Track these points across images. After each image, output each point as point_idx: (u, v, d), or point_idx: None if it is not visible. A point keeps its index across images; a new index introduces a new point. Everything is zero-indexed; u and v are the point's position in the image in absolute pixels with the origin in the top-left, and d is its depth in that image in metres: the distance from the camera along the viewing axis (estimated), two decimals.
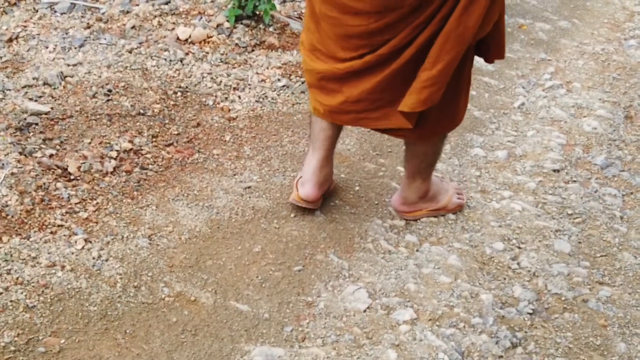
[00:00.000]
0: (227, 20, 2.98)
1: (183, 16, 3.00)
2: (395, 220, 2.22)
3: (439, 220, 2.25)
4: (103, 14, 3.00)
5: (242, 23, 3.01)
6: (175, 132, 2.41)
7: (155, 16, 2.97)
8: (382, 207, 2.27)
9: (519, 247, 2.19)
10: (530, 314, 1.94)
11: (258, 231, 2.07)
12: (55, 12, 2.98)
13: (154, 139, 2.33)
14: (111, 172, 2.13)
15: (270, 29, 3.05)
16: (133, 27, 2.89)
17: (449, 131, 2.09)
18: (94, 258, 1.85)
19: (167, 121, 2.44)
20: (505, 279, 2.06)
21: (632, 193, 2.49)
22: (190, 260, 1.92)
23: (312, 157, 2.09)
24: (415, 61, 1.79)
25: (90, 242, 1.90)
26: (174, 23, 2.96)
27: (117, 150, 2.21)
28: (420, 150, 2.06)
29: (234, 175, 2.28)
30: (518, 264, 2.12)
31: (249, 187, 2.23)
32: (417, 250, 2.11)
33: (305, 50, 1.94)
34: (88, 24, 2.90)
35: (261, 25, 3.02)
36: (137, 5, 3.13)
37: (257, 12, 3.03)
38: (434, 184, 2.22)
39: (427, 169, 2.13)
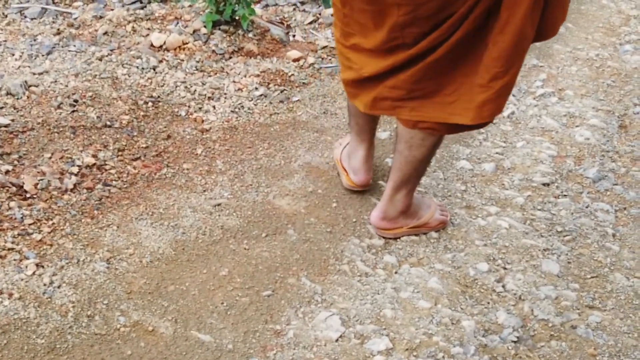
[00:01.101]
0: (204, 26, 2.85)
1: (159, 21, 2.88)
2: (374, 240, 2.10)
3: (420, 239, 2.13)
4: (75, 19, 2.88)
5: (219, 29, 2.88)
6: (144, 145, 2.28)
7: (130, 21, 2.84)
8: (361, 225, 2.15)
9: (505, 268, 2.07)
10: (515, 342, 1.81)
11: (226, 253, 1.94)
12: (25, 17, 2.86)
13: (119, 153, 2.21)
14: (71, 190, 2.01)
15: (250, 34, 2.92)
16: (105, 33, 2.77)
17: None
18: (45, 284, 1.72)
19: (135, 133, 2.32)
20: (489, 303, 1.93)
21: (625, 208, 2.37)
22: (151, 285, 1.80)
23: (360, 147, 2.17)
24: (452, 59, 1.74)
25: (43, 266, 1.77)
26: (148, 29, 2.83)
27: (78, 166, 2.09)
28: (418, 157, 1.95)
29: (204, 191, 2.16)
30: (503, 286, 2.00)
31: (219, 205, 2.11)
32: (395, 273, 1.99)
33: (345, 48, 1.89)
34: (58, 29, 2.77)
35: (240, 31, 2.89)
36: (112, 10, 3.01)
37: (236, 18, 2.91)
38: (415, 198, 2.11)
39: (415, 179, 2.04)
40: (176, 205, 2.07)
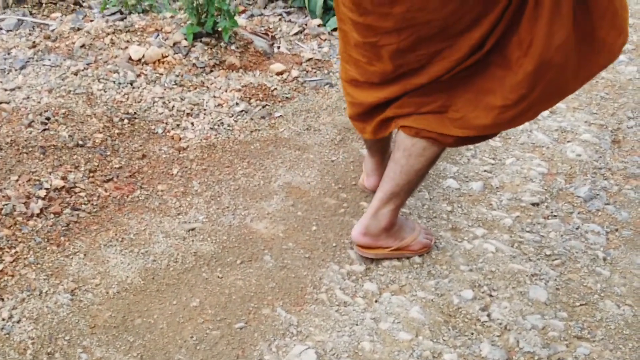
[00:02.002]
0: (185, 38, 2.77)
1: (138, 33, 2.80)
2: (355, 266, 2.01)
3: (402, 264, 2.05)
4: (52, 31, 2.80)
5: (201, 41, 2.80)
6: (117, 166, 2.20)
7: (108, 34, 2.76)
8: (341, 249, 2.06)
9: (490, 296, 1.98)
10: None
11: (198, 281, 1.86)
12: (0, 29, 2.78)
13: (91, 174, 2.12)
14: (37, 215, 1.92)
15: (232, 47, 2.84)
16: (82, 46, 2.68)
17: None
18: (3, 319, 1.64)
19: (108, 153, 2.24)
20: (472, 334, 1.85)
21: (617, 230, 2.29)
22: (117, 318, 1.72)
23: (371, 158, 2.19)
24: (462, 77, 1.71)
25: (2, 299, 1.69)
26: (128, 41, 2.75)
27: (46, 189, 2.01)
28: (416, 166, 1.87)
29: (178, 214, 2.08)
30: (488, 315, 1.91)
31: (193, 229, 2.02)
32: (376, 301, 1.91)
33: (346, 83, 1.90)
34: (34, 42, 2.69)
35: (222, 44, 2.81)
36: (92, 21, 2.93)
37: (218, 29, 2.82)
38: (399, 219, 2.03)
39: (405, 194, 1.95)
40: (148, 230, 1.99)
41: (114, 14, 2.96)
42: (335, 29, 3.18)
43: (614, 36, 1.64)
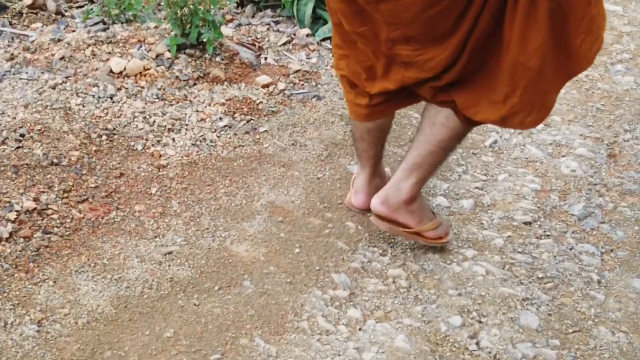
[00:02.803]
0: (168, 50, 2.69)
1: (120, 45, 2.72)
2: (338, 291, 1.93)
3: (389, 289, 1.97)
4: (32, 42, 2.72)
5: (185, 53, 2.72)
6: (93, 185, 2.12)
7: (89, 45, 2.68)
8: (324, 273, 1.98)
9: (480, 322, 1.90)
10: None
11: (173, 310, 1.78)
12: None
13: (65, 195, 2.05)
14: (6, 239, 1.84)
15: (217, 58, 2.76)
16: (62, 58, 2.61)
17: None
18: None
19: (84, 171, 2.16)
20: None
21: (612, 250, 2.21)
22: (85, 351, 1.63)
23: (362, 171, 2.12)
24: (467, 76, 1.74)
25: None
26: (109, 53, 2.67)
27: (17, 211, 1.93)
28: (439, 137, 1.85)
29: (155, 237, 2.00)
30: (477, 343, 1.83)
31: (170, 253, 1.94)
32: (359, 329, 1.83)
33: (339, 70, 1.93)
34: (12, 54, 2.61)
35: (206, 55, 2.73)
36: (74, 31, 2.85)
37: (203, 40, 2.74)
38: (423, 201, 2.03)
39: (428, 166, 1.91)
40: (122, 255, 1.91)
41: (96, 24, 2.88)
42: (324, 39, 3.10)
43: (589, 42, 1.65)
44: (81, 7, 3.11)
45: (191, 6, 2.64)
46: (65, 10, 3.03)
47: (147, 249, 1.94)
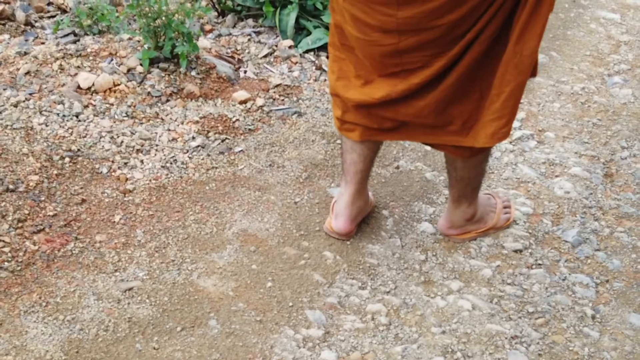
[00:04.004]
0: (141, 64, 2.55)
1: (90, 58, 2.58)
2: (312, 330, 1.79)
3: (367, 327, 1.83)
4: None
5: (158, 67, 2.58)
6: (51, 213, 1.98)
7: (57, 58, 2.54)
8: (298, 310, 1.84)
9: None
10: None
11: (130, 355, 1.64)
12: None
13: (19, 225, 1.90)
14: None
15: (193, 73, 2.62)
16: (27, 73, 2.46)
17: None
18: None
19: (43, 198, 2.01)
20: None
21: (607, 281, 2.07)
22: None
23: (345, 190, 2.03)
24: (462, 86, 1.71)
25: None
26: (78, 67, 2.53)
27: None
28: (465, 175, 1.96)
29: (115, 271, 1.85)
30: None
31: (131, 289, 1.80)
32: None
33: (333, 83, 1.86)
34: None
35: (181, 69, 2.59)
36: (43, 43, 2.71)
37: (178, 53, 2.60)
38: (480, 205, 2.11)
39: (472, 192, 2.03)
40: (78, 292, 1.77)
41: (67, 35, 2.74)
42: (307, 51, 2.96)
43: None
44: (53, 17, 2.97)
45: (164, 18, 2.49)
46: (35, 21, 2.89)
47: (106, 284, 1.80)
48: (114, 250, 1.91)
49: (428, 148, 2.57)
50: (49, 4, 3.03)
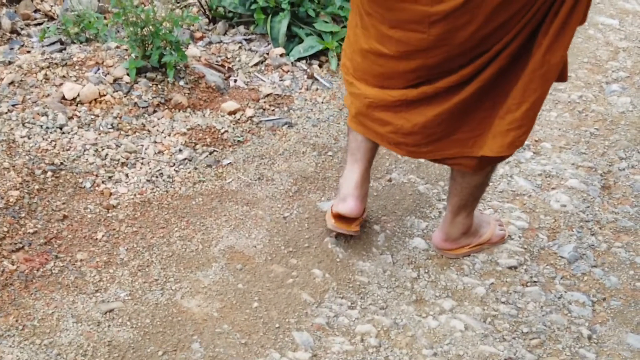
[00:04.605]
0: (127, 74, 2.49)
1: (76, 67, 2.52)
2: (299, 353, 1.74)
3: (356, 349, 1.77)
4: None
5: (145, 76, 2.52)
6: (31, 230, 1.92)
7: (42, 68, 2.48)
8: (284, 331, 1.79)
9: None
10: None
11: None
12: None
13: None
14: None
15: (181, 82, 2.56)
16: (11, 83, 2.41)
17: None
18: None
19: (23, 214, 1.96)
20: None
21: (604, 299, 2.01)
22: None
23: (352, 171, 1.95)
24: (479, 95, 1.68)
25: None
26: (63, 77, 2.47)
27: None
28: (472, 183, 1.91)
29: (96, 291, 1.80)
30: None
31: (111, 311, 1.75)
32: None
33: (349, 76, 1.80)
34: None
35: (169, 79, 2.53)
36: (28, 52, 2.65)
37: (166, 62, 2.54)
38: (475, 217, 2.07)
39: (473, 202, 2.00)
40: (56, 314, 1.71)
41: (53, 43, 2.68)
42: (299, 59, 2.90)
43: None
44: (40, 24, 2.91)
45: (151, 27, 2.44)
46: (22, 29, 2.83)
47: (86, 306, 1.74)
48: (95, 269, 1.86)
49: (422, 159, 2.52)
50: (36, 11, 2.97)
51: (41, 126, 2.26)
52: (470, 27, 1.53)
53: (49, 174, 2.11)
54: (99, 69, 2.52)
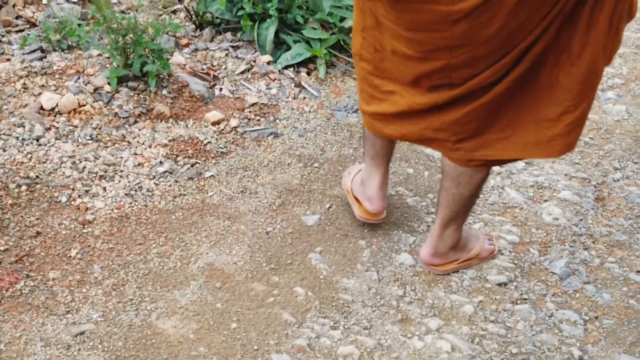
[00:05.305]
0: (108, 83, 2.42)
1: (56, 76, 2.45)
2: None
3: None
4: None
5: (127, 86, 2.46)
6: (2, 248, 1.85)
7: (21, 77, 2.41)
8: (263, 354, 1.72)
9: None
10: None
11: None
12: None
13: None
14: None
15: (164, 91, 2.50)
16: None
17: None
18: None
19: None
20: None
21: (597, 318, 1.95)
22: None
23: (374, 174, 2.05)
24: (507, 95, 1.64)
25: None
26: (42, 86, 2.41)
27: None
28: (466, 193, 1.87)
29: (67, 312, 1.73)
30: None
31: (82, 333, 1.68)
32: None
33: (373, 76, 1.76)
34: None
35: (151, 88, 2.46)
36: (8, 59, 2.59)
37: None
38: (463, 231, 2.02)
39: (464, 214, 1.96)
40: (24, 338, 1.64)
41: (34, 51, 2.62)
42: (287, 67, 2.83)
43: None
44: (21, 31, 2.85)
45: (132, 35, 2.37)
46: (2, 36, 2.77)
47: (56, 328, 1.68)
48: (68, 288, 1.79)
49: (411, 171, 2.45)
50: (18, 17, 2.91)
51: (17, 138, 2.19)
52: (493, 24, 1.48)
53: (24, 187, 2.04)
54: (79, 78, 2.46)
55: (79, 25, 2.66)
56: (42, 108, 2.32)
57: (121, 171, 2.17)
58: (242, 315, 1.81)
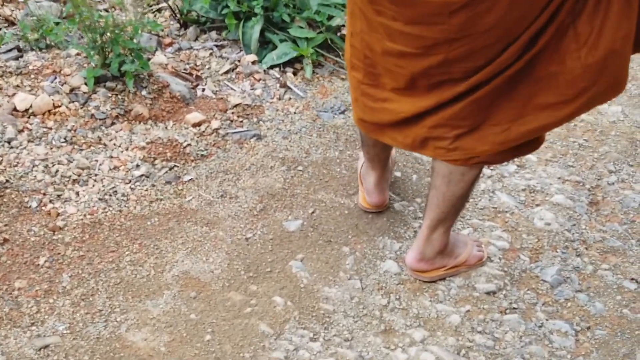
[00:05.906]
0: (85, 83, 2.34)
1: (32, 76, 2.37)
2: None
3: None
4: None
5: (104, 86, 2.37)
6: None
7: None
8: None
9: None
10: None
11: None
12: None
13: None
14: None
15: (143, 92, 2.41)
16: None
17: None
18: None
19: None
20: None
21: (588, 328, 1.86)
22: None
23: (371, 174, 2.09)
24: (507, 86, 1.58)
25: None
26: (17, 86, 2.32)
27: None
28: (457, 193, 1.82)
29: (32, 324, 1.65)
30: None
31: (47, 347, 1.60)
32: None
33: (361, 93, 1.74)
34: None
35: (130, 89, 2.38)
36: None
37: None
38: (450, 236, 1.96)
39: (453, 216, 1.90)
40: None
41: (10, 50, 2.54)
42: (272, 67, 2.75)
43: None
44: None
45: (109, 34, 2.29)
46: None
47: (19, 342, 1.60)
48: (34, 299, 1.71)
49: (398, 174, 2.37)
50: None
51: None
52: (492, 14, 1.43)
53: None
54: (55, 78, 2.38)
55: (57, 23, 2.58)
56: (15, 109, 2.24)
57: (95, 175, 2.09)
58: (217, 326, 1.73)
